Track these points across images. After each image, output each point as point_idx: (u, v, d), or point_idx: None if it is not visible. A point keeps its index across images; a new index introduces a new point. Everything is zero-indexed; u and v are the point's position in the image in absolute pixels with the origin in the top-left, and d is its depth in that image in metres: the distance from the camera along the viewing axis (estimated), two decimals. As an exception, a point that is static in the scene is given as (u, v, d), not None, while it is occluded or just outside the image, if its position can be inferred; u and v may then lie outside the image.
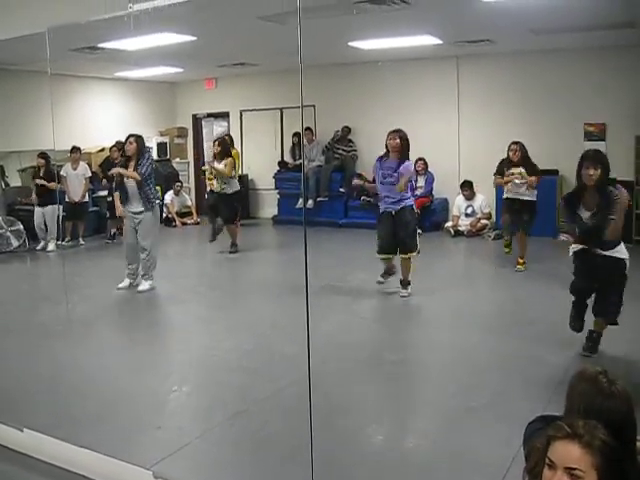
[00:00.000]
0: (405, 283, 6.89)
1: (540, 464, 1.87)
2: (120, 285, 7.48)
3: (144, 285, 7.36)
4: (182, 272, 8.48)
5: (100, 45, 8.19)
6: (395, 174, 6.70)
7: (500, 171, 8.10)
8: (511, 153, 7.95)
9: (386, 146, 6.80)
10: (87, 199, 10.69)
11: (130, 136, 7.46)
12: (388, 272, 7.10)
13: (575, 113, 9.84)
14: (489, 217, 10.54)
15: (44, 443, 3.50)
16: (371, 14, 7.03)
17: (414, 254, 6.86)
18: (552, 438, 1.82)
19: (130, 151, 7.32)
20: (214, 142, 9.88)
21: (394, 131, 6.78)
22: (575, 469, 1.74)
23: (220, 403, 4.27)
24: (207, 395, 4.50)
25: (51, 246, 9.98)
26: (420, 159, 10.81)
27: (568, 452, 1.76)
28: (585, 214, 4.73)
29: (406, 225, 6.77)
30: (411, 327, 6.26)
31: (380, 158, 6.88)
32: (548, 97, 10.11)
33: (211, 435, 3.78)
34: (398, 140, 6.70)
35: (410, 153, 6.91)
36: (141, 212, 7.26)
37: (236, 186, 9.57)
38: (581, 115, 9.86)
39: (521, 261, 7.94)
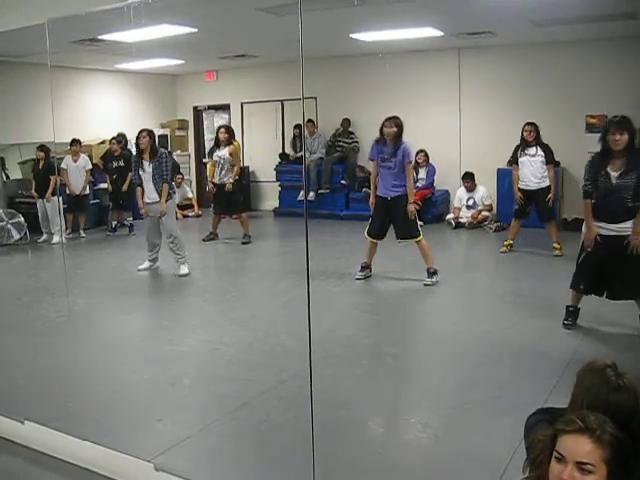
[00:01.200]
0: (431, 272, 6.93)
1: (542, 456, 1.86)
2: (140, 267, 7.93)
3: (183, 269, 7.64)
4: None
5: (100, 37, 8.18)
6: (393, 159, 6.81)
7: (515, 158, 8.19)
8: (525, 134, 8.08)
9: (381, 132, 6.86)
10: (88, 191, 10.69)
11: (142, 130, 7.66)
12: (366, 266, 7.24)
13: (576, 104, 9.81)
14: (490, 209, 10.53)
15: (45, 435, 3.50)
16: (372, 6, 7.01)
17: (419, 238, 6.92)
18: (562, 432, 1.79)
19: (143, 145, 7.52)
20: (219, 128, 9.86)
21: (390, 118, 6.84)
22: (586, 464, 1.72)
23: (221, 396, 4.26)
24: (208, 388, 4.50)
25: (56, 238, 9.96)
26: (421, 151, 10.80)
27: (579, 446, 1.75)
28: (612, 173, 4.86)
29: (403, 212, 6.84)
30: (413, 319, 6.26)
31: (378, 141, 6.95)
32: (549, 89, 10.09)
33: (212, 428, 3.78)
34: (395, 129, 6.76)
35: (411, 144, 6.94)
36: (158, 202, 7.53)
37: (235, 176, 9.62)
38: (582, 107, 9.84)
39: (557, 246, 8.08)
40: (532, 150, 8.03)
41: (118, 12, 3.60)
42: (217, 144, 9.59)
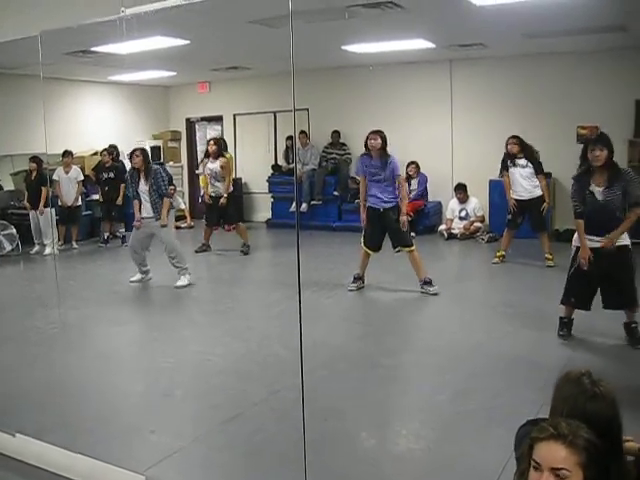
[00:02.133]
0: (427, 282, 6.98)
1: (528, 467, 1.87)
2: (132, 278, 7.90)
3: (182, 280, 7.65)
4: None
5: (93, 49, 8.19)
6: (382, 173, 6.89)
7: (505, 167, 8.27)
8: (509, 147, 8.17)
9: (366, 146, 6.95)
10: (80, 203, 10.68)
11: (135, 150, 7.83)
12: (358, 277, 7.27)
13: (568, 116, 9.88)
14: (482, 220, 10.56)
15: (36, 448, 3.48)
16: (365, 18, 7.04)
17: (412, 248, 6.99)
18: (536, 440, 1.83)
19: (137, 164, 7.65)
20: (209, 141, 10.00)
21: (375, 132, 6.93)
22: (561, 469, 1.75)
23: (214, 407, 4.25)
24: (201, 399, 4.48)
25: (48, 250, 9.95)
26: (412, 162, 10.83)
27: (553, 453, 1.78)
28: (597, 189, 4.94)
29: (396, 222, 6.92)
30: (406, 329, 6.26)
31: (364, 155, 7.04)
32: (541, 100, 10.16)
33: (205, 439, 3.77)
34: (379, 140, 6.84)
35: (403, 156, 6.99)
36: (153, 217, 7.58)
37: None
38: (574, 118, 9.90)
39: (550, 257, 8.14)
40: (522, 161, 8.10)
41: (111, 24, 3.61)
42: (207, 156, 9.65)
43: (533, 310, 6.29)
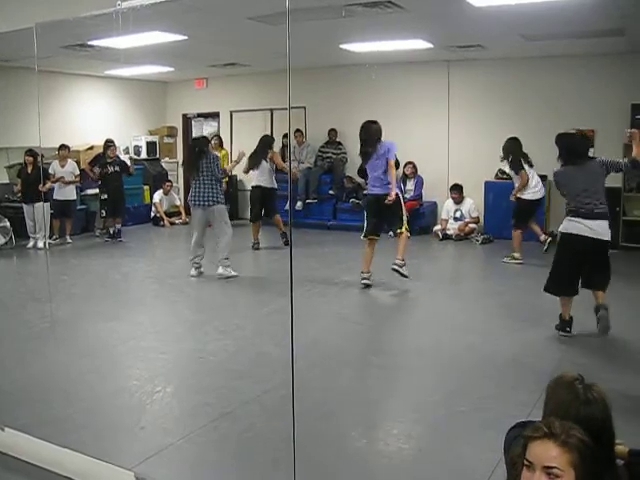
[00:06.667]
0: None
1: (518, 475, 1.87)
2: (192, 273, 7.91)
3: (228, 271, 7.76)
4: (168, 272, 8.42)
5: (90, 42, 8.16)
6: None
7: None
8: None
9: None
10: (74, 197, 10.65)
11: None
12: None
13: (564, 119, 9.84)
14: (477, 221, 10.56)
15: (25, 442, 3.47)
16: (363, 17, 7.03)
17: None
18: (529, 439, 1.84)
19: None
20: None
21: None
22: (553, 468, 1.76)
23: (205, 405, 4.23)
24: (192, 396, 4.47)
25: (40, 243, 9.94)
26: (409, 163, 10.83)
27: (545, 451, 1.78)
28: None
29: None
30: (398, 329, 6.25)
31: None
32: (538, 103, 10.16)
33: (195, 436, 3.75)
34: None
35: (400, 156, 7.04)
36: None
37: None
38: (570, 121, 9.85)
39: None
40: None
41: (107, 18, 3.59)
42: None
43: (528, 311, 6.29)
